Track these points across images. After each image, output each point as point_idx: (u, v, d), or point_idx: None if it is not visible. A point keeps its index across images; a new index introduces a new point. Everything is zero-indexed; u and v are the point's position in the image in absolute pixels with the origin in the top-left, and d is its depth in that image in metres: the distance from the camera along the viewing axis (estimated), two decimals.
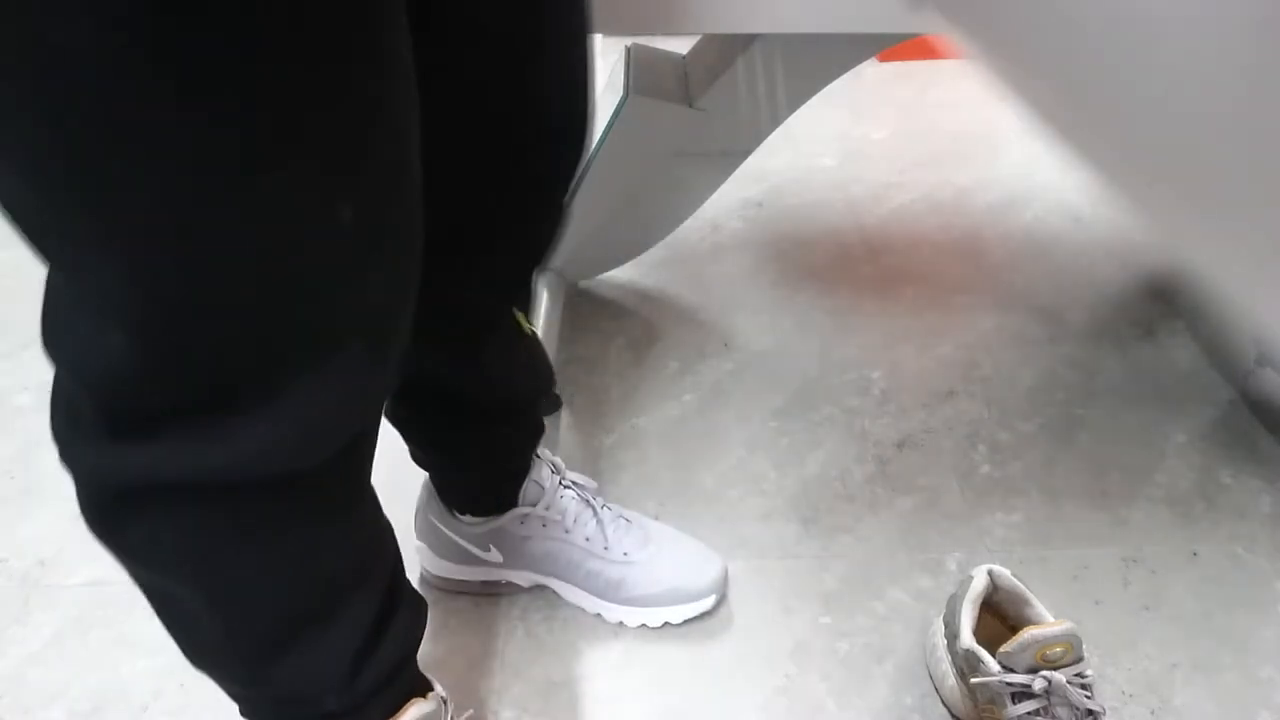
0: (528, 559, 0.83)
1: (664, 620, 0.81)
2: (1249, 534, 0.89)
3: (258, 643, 0.51)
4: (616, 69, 1.09)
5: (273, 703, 0.56)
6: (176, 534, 0.45)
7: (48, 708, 0.78)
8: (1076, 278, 1.27)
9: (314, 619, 0.52)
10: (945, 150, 1.62)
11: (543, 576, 0.84)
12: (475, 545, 0.82)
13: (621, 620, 0.82)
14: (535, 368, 0.78)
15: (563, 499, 0.82)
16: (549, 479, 0.81)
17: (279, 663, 0.52)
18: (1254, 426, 1.01)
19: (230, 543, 0.46)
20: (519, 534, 0.81)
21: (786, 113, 1.01)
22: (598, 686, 0.78)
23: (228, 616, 0.49)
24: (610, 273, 1.29)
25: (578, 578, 0.83)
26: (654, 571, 0.81)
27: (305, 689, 0.54)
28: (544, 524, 0.81)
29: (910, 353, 1.15)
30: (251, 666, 0.52)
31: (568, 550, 0.82)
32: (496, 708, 0.77)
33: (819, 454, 1.00)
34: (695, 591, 0.81)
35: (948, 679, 0.74)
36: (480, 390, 0.72)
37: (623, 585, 0.81)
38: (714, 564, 0.83)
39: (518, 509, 0.80)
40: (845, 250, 1.35)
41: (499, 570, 0.84)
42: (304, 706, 0.55)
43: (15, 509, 0.97)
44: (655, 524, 0.86)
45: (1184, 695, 0.76)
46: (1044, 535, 0.90)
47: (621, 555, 0.81)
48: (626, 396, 1.09)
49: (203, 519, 0.45)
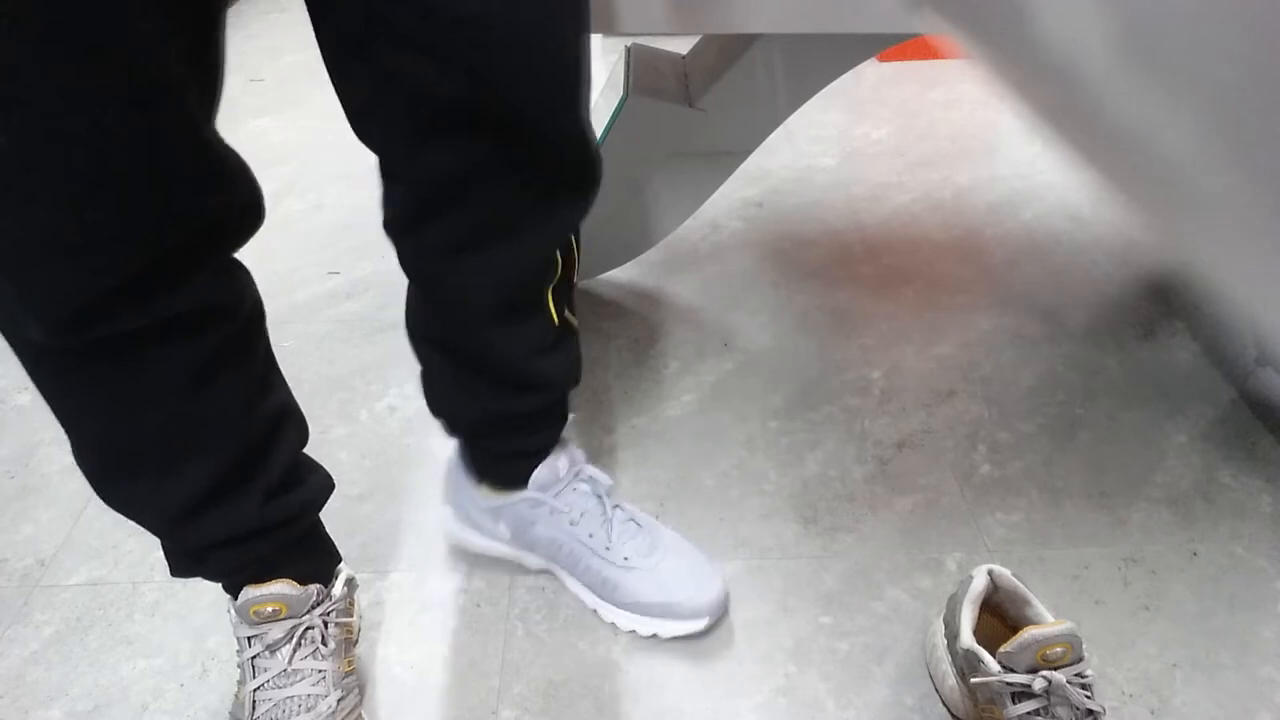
0: (533, 541, 0.84)
1: (653, 632, 0.81)
2: (1249, 534, 0.89)
3: (104, 467, 0.64)
4: (616, 69, 1.09)
5: (160, 534, 0.70)
6: (39, 381, 0.60)
7: (48, 708, 0.78)
8: (1076, 277, 1.27)
9: (136, 460, 0.63)
10: (945, 150, 1.62)
11: (547, 562, 0.85)
12: (487, 516, 0.85)
13: (615, 622, 0.82)
14: (563, 356, 0.78)
15: (575, 492, 0.82)
16: (565, 469, 0.82)
17: (124, 489, 0.66)
18: (1254, 426, 1.01)
19: (49, 387, 0.60)
20: (527, 516, 0.83)
21: (786, 113, 1.01)
22: (598, 686, 0.78)
23: (77, 440, 0.63)
24: (610, 273, 1.29)
25: (578, 570, 0.83)
26: (650, 582, 0.81)
27: (145, 517, 0.67)
28: (551, 512, 0.82)
29: (910, 353, 1.15)
30: (99, 483, 0.65)
31: (570, 542, 0.82)
32: (496, 707, 0.77)
33: (819, 454, 1.00)
34: (688, 611, 0.80)
35: (948, 679, 0.74)
36: (498, 363, 0.74)
37: (618, 589, 0.81)
38: (713, 586, 0.81)
39: (528, 493, 0.81)
40: (845, 250, 1.35)
41: (509, 548, 0.86)
42: (162, 540, 0.70)
43: (15, 509, 0.97)
44: (667, 533, 0.85)
45: (1184, 695, 0.76)
46: (1044, 535, 0.90)
47: (621, 559, 0.81)
48: (626, 396, 1.09)
49: (38, 372, 0.59)
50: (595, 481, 0.84)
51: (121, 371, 0.59)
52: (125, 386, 0.60)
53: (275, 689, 0.70)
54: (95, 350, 0.57)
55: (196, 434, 0.63)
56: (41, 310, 0.53)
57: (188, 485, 0.64)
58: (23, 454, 1.04)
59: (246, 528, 0.68)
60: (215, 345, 0.61)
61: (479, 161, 0.59)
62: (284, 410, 0.70)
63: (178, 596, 0.87)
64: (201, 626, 0.84)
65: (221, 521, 0.67)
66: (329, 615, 0.72)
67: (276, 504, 0.69)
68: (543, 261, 0.69)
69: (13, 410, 1.10)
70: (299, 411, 0.72)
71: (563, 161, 0.62)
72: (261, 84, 2.02)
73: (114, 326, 0.55)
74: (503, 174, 0.60)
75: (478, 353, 0.74)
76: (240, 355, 0.64)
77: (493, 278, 0.67)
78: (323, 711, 0.70)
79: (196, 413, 0.62)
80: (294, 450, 0.71)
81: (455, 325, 0.73)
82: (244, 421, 0.65)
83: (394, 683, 0.79)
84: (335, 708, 0.70)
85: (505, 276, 0.67)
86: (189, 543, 0.69)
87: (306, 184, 1.59)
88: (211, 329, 0.60)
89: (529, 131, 0.58)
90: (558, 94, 0.58)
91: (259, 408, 0.66)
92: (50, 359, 0.58)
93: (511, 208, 0.63)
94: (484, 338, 0.72)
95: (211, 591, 0.86)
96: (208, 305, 0.59)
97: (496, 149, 0.58)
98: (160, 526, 0.68)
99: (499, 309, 0.69)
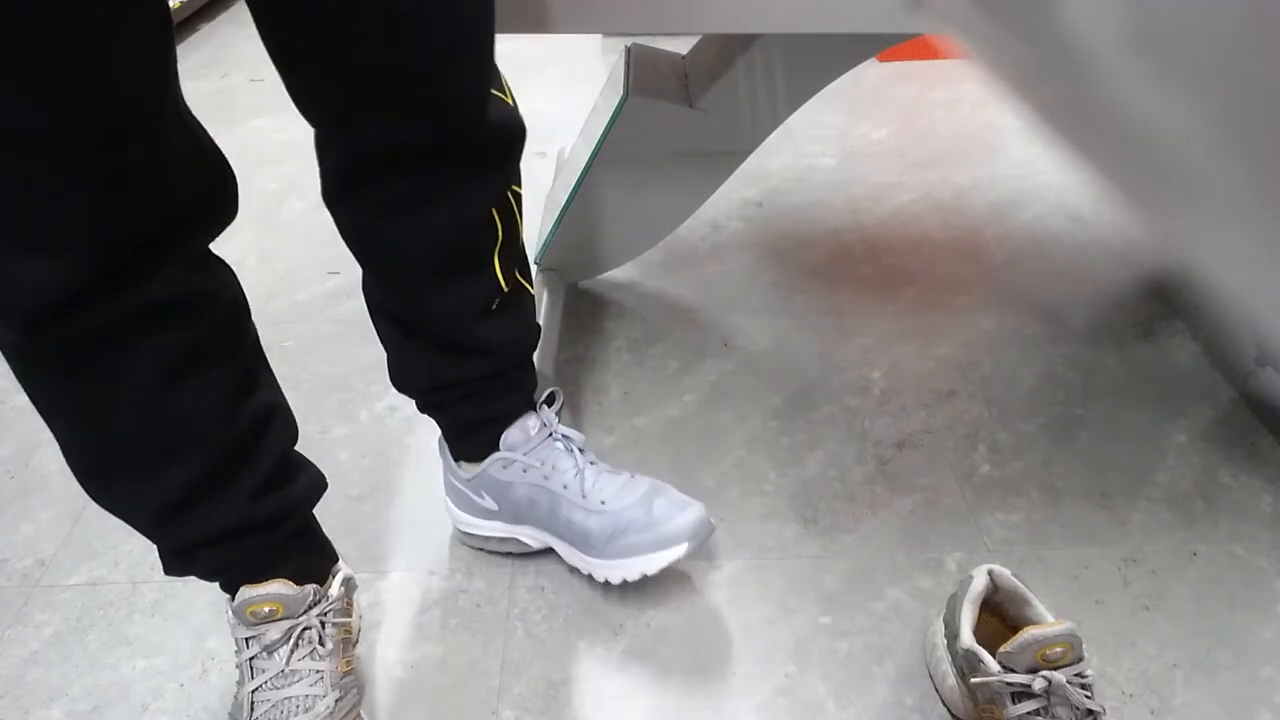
0: (514, 505, 0.84)
1: (640, 572, 0.80)
2: (1249, 534, 0.89)
3: (85, 467, 0.65)
4: (616, 69, 1.09)
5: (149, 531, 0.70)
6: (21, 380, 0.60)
7: (48, 707, 0.78)
8: (1076, 277, 1.27)
9: (117, 458, 0.64)
10: (945, 150, 1.62)
11: (538, 531, 0.86)
12: (471, 491, 0.86)
13: (606, 578, 0.82)
14: (510, 320, 0.79)
15: (547, 448, 0.83)
16: (536, 429, 0.83)
17: (106, 489, 0.66)
18: (1254, 426, 1.01)
19: (35, 390, 0.61)
20: (502, 479, 0.84)
21: (786, 113, 1.01)
22: (598, 686, 0.78)
23: (61, 441, 0.64)
24: (610, 273, 1.29)
25: (559, 528, 0.83)
26: (627, 517, 0.80)
27: (130, 516, 0.67)
28: (524, 470, 0.83)
29: (910, 353, 1.15)
30: (85, 483, 0.65)
31: (547, 498, 0.82)
32: (496, 707, 0.77)
33: (819, 454, 1.00)
34: (669, 537, 0.79)
35: (948, 679, 0.74)
36: (440, 327, 0.76)
37: (598, 535, 0.81)
38: (690, 511, 0.80)
39: (499, 453, 0.83)
40: (845, 250, 1.35)
41: (503, 525, 0.87)
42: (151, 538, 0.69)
43: (15, 509, 0.97)
44: (643, 478, 0.84)
45: (1184, 695, 0.76)
46: (1044, 535, 0.90)
47: (599, 504, 0.81)
48: (626, 396, 1.09)
49: (19, 372, 0.60)
50: (568, 439, 0.84)
51: (95, 369, 0.59)
52: (101, 384, 0.60)
53: (273, 690, 0.70)
54: (67, 348, 0.57)
55: (177, 431, 0.63)
56: (8, 310, 0.53)
57: (170, 483, 0.64)
58: (23, 454, 1.04)
59: (234, 526, 0.68)
60: (192, 341, 0.61)
61: (406, 135, 0.64)
62: (271, 408, 0.69)
63: (178, 596, 0.87)
64: (201, 626, 0.84)
65: (208, 519, 0.67)
66: (326, 615, 0.72)
67: (265, 502, 0.69)
68: (475, 221, 0.72)
69: (12, 410, 1.10)
70: (288, 409, 0.72)
71: (482, 131, 0.67)
72: (261, 84, 2.02)
73: (84, 323, 0.55)
74: (429, 144, 0.65)
75: (420, 317, 0.76)
76: (222, 351, 0.64)
77: (426, 237, 0.71)
78: (321, 712, 0.70)
79: (176, 409, 0.62)
80: (283, 448, 0.71)
81: (398, 291, 0.76)
82: (228, 418, 0.65)
83: (393, 683, 0.79)
84: (333, 708, 0.70)
85: (439, 236, 0.71)
86: (176, 541, 0.69)
87: (306, 184, 1.59)
88: (186, 324, 0.60)
89: (447, 106, 0.64)
90: (471, 70, 0.64)
91: (244, 405, 0.66)
92: (25, 358, 0.58)
93: (439, 174, 0.68)
94: (423, 300, 0.75)
95: (211, 591, 0.86)
96: (180, 300, 0.59)
97: (422, 123, 0.63)
98: (146, 525, 0.68)
99: (436, 269, 0.73)
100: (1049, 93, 0.21)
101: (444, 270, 0.73)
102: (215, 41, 2.31)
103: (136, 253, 0.55)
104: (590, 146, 1.06)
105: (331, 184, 0.69)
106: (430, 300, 0.74)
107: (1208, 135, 0.16)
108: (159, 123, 0.54)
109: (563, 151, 1.29)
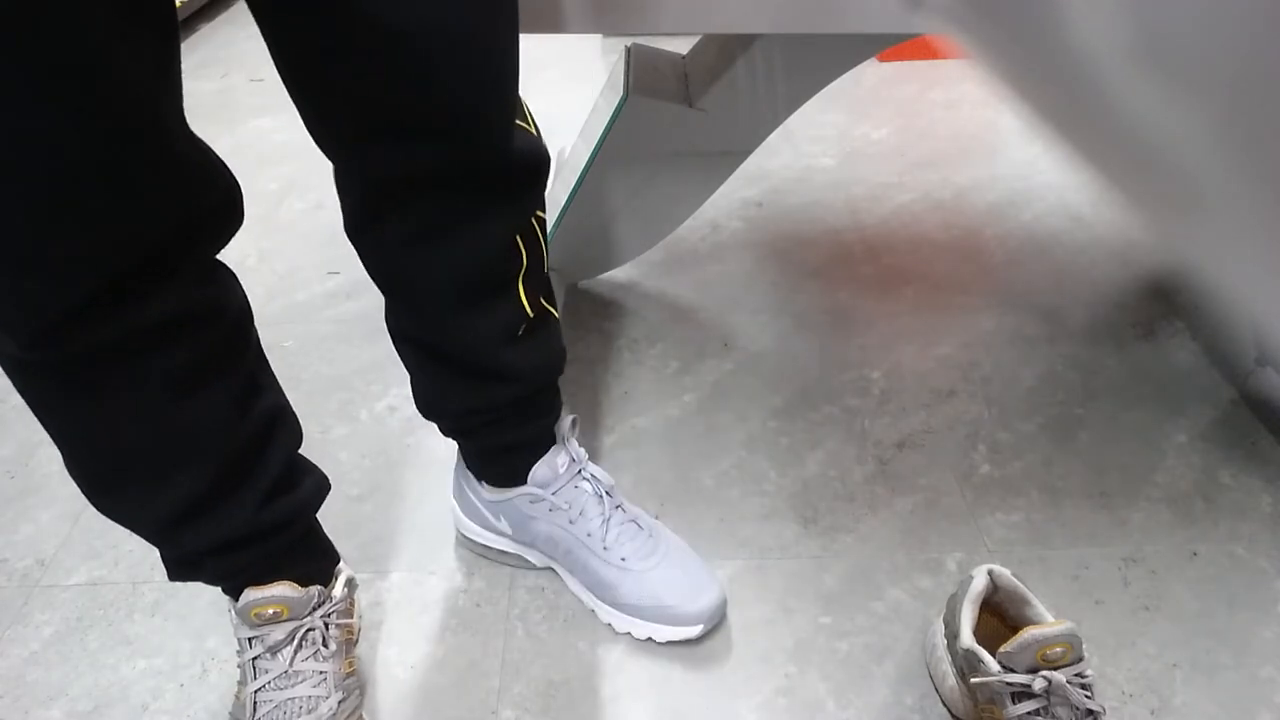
0: (533, 537, 0.84)
1: (648, 636, 0.80)
2: (1249, 534, 0.89)
3: (90, 480, 0.64)
4: (616, 69, 1.09)
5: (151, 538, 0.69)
6: (23, 393, 0.60)
7: (48, 707, 0.78)
8: (1076, 277, 1.27)
9: (124, 470, 0.63)
10: (945, 150, 1.62)
11: (548, 559, 0.86)
12: (489, 512, 0.86)
13: (610, 623, 0.82)
14: (536, 346, 0.77)
15: (575, 490, 0.82)
16: (565, 466, 0.82)
17: (112, 501, 0.65)
18: (1254, 426, 1.01)
19: (38, 403, 0.60)
20: (526, 512, 0.83)
21: (786, 113, 1.01)
22: (598, 686, 0.78)
23: (65, 454, 0.63)
24: (610, 273, 1.29)
25: (576, 569, 0.83)
26: (646, 585, 0.80)
27: (136, 526, 0.67)
28: (550, 509, 0.82)
29: (910, 353, 1.15)
30: (90, 494, 0.65)
31: (568, 540, 0.82)
32: (496, 707, 0.77)
33: (819, 454, 1.00)
34: (684, 617, 0.80)
35: (948, 679, 0.74)
36: (466, 353, 0.75)
37: (614, 590, 0.81)
38: (710, 593, 0.80)
39: (528, 488, 0.82)
40: (845, 250, 1.35)
41: (512, 543, 0.87)
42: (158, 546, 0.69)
43: (15, 509, 0.97)
44: (668, 536, 0.85)
45: (1184, 695, 0.76)
46: (1044, 535, 0.90)
47: (619, 560, 0.81)
48: (626, 396, 1.09)
49: (20, 385, 0.59)
50: (596, 481, 0.83)
51: (103, 383, 0.58)
52: (108, 398, 0.59)
53: (276, 690, 0.70)
54: (74, 363, 0.56)
55: (186, 441, 0.63)
56: (12, 325, 0.53)
57: (179, 493, 0.64)
58: (23, 454, 1.04)
59: (242, 532, 0.68)
60: (200, 351, 0.60)
61: (424, 164, 0.62)
62: (276, 412, 0.69)
63: (178, 596, 0.87)
64: (201, 626, 0.84)
65: (216, 527, 0.67)
66: (330, 617, 0.72)
67: (272, 507, 0.69)
68: (500, 249, 0.71)
69: (12, 410, 1.10)
70: (292, 413, 0.72)
71: (505, 160, 0.65)
72: (261, 84, 2.02)
73: (90, 338, 0.55)
74: (448, 175, 0.63)
75: (446, 345, 0.75)
76: (228, 359, 0.64)
77: (450, 267, 0.69)
78: (324, 713, 0.70)
79: (184, 420, 0.62)
80: (288, 452, 0.71)
81: (423, 319, 0.74)
82: (235, 426, 0.65)
83: (394, 683, 0.79)
84: (336, 709, 0.70)
85: (463, 266, 0.69)
86: (184, 549, 0.68)
87: (306, 184, 1.59)
88: (195, 335, 0.60)
89: (467, 135, 0.62)
90: (493, 99, 0.62)
91: (250, 411, 0.66)
92: (29, 373, 0.58)
93: (461, 204, 0.66)
94: (449, 328, 0.74)
95: (211, 591, 0.86)
96: (187, 311, 0.58)
97: (440, 152, 0.62)
98: (154, 534, 0.68)
99: (461, 298, 0.71)
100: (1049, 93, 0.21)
101: (468, 298, 0.71)
102: (215, 41, 2.31)
103: (144, 265, 0.54)
104: (590, 146, 1.06)
105: (353, 217, 0.68)
106: (455, 328, 0.73)
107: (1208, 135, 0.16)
108: (165, 133, 0.53)
109: (563, 151, 1.29)
